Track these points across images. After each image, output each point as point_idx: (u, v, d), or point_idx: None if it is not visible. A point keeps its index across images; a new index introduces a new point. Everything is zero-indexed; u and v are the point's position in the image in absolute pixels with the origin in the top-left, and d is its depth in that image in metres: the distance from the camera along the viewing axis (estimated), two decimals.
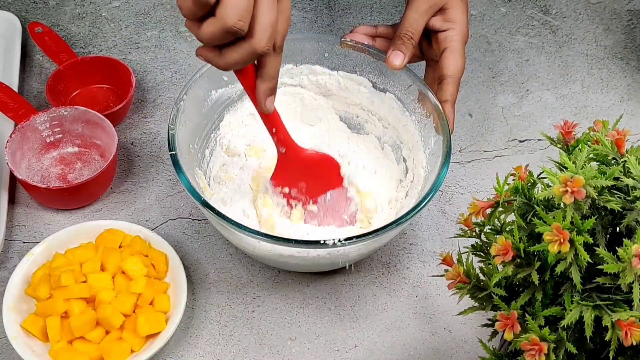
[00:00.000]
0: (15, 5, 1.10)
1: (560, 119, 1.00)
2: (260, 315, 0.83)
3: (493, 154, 0.98)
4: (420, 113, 0.86)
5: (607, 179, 0.57)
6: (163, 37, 1.08)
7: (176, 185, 0.92)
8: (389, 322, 0.83)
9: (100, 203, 0.91)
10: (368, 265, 0.87)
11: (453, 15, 0.85)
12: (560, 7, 1.15)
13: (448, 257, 0.65)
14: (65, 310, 0.77)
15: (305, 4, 1.13)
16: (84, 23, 1.09)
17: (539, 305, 0.58)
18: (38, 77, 1.02)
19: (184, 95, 0.82)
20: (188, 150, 0.83)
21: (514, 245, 0.58)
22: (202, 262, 0.86)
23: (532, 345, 0.56)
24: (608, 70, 1.07)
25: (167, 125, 0.80)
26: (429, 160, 0.84)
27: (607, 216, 0.59)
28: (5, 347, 0.79)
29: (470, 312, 0.63)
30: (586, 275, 0.56)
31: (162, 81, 1.03)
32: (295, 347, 0.81)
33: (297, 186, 0.83)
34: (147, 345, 0.77)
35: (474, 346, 0.81)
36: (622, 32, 1.12)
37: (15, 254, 0.86)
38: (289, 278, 0.86)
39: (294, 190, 0.83)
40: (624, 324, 0.54)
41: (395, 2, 1.13)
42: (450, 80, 0.84)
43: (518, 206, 0.61)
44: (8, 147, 0.87)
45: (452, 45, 0.84)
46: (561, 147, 0.65)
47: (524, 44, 1.10)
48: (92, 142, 0.93)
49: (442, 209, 0.92)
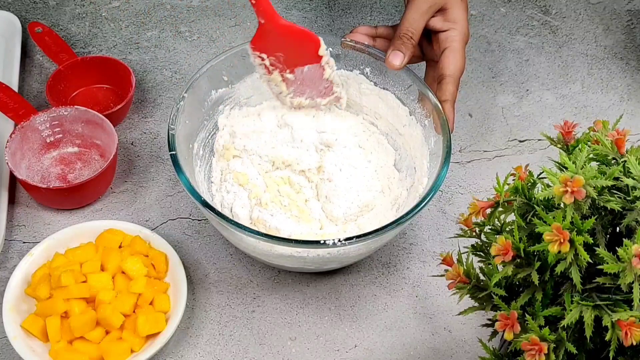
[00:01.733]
0: (15, 5, 1.10)
1: (560, 119, 1.00)
2: (260, 315, 0.83)
3: (493, 154, 0.98)
4: (420, 113, 0.86)
5: (607, 179, 0.57)
6: (163, 37, 1.08)
7: (176, 185, 0.92)
8: (389, 322, 0.83)
9: (100, 203, 0.91)
10: (368, 265, 0.87)
11: (453, 15, 0.85)
12: (560, 7, 1.15)
13: (448, 257, 0.65)
14: (65, 310, 0.77)
15: (305, 4, 1.13)
16: (84, 23, 1.09)
17: (539, 305, 0.58)
18: (38, 77, 1.02)
19: (184, 95, 0.83)
20: (188, 150, 0.83)
21: (514, 245, 0.58)
22: (202, 262, 0.86)
23: (532, 345, 0.56)
24: (608, 70, 1.07)
25: (167, 125, 0.80)
26: (429, 160, 0.84)
27: (607, 216, 0.59)
28: (5, 347, 0.79)
29: (470, 312, 0.63)
30: (586, 275, 0.56)
31: (162, 81, 1.03)
32: (295, 347, 0.81)
33: (275, 55, 0.85)
34: (147, 345, 0.77)
35: (474, 346, 0.81)
36: (622, 32, 1.12)
37: (15, 254, 0.86)
38: (289, 278, 0.86)
39: (271, 57, 0.85)
40: (624, 324, 0.54)
41: (395, 2, 1.13)
42: (450, 80, 0.84)
43: (518, 206, 0.61)
44: (8, 147, 0.87)
45: (452, 45, 0.84)
46: (561, 147, 0.65)
47: (524, 44, 1.10)
48: (92, 142, 0.93)
49: (442, 209, 0.92)
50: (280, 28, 0.83)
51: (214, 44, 1.07)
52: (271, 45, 0.84)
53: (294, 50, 0.85)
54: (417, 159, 0.86)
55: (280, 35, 0.84)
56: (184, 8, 1.11)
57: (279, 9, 1.11)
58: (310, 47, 0.85)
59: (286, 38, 0.84)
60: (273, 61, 0.85)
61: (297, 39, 0.84)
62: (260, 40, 0.84)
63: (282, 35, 0.84)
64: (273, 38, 0.84)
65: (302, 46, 0.85)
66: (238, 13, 1.11)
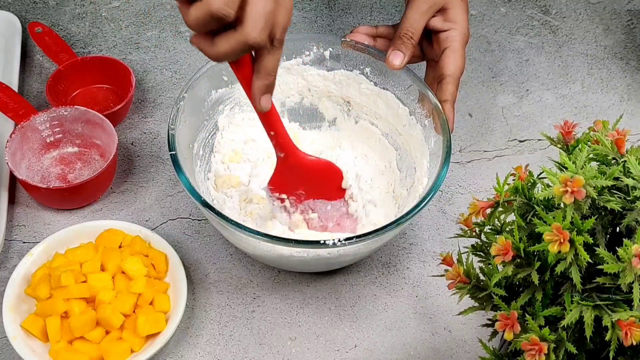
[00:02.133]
0: (15, 5, 1.10)
1: (560, 119, 1.00)
2: (260, 315, 0.83)
3: (493, 154, 0.98)
4: (420, 113, 0.86)
5: (607, 179, 0.57)
6: (163, 37, 1.08)
7: (176, 185, 0.92)
8: (389, 322, 0.83)
9: (100, 203, 0.91)
10: (368, 265, 0.87)
11: (454, 15, 0.85)
12: (560, 7, 1.15)
13: (448, 257, 0.65)
14: (65, 310, 0.77)
15: (305, 4, 1.13)
16: (84, 23, 1.09)
17: (539, 305, 0.58)
18: (38, 77, 1.02)
19: (184, 95, 0.82)
20: (188, 150, 0.83)
21: (514, 245, 0.58)
22: (202, 262, 0.86)
23: (532, 345, 0.56)
24: (608, 70, 1.07)
25: (167, 125, 0.80)
26: (429, 160, 0.84)
27: (607, 216, 0.59)
28: (5, 347, 0.79)
29: (470, 312, 0.63)
30: (586, 275, 0.56)
31: (162, 81, 1.03)
32: (295, 347, 0.81)
33: (295, 194, 0.80)
34: (147, 345, 0.77)
35: (474, 346, 0.81)
36: (622, 32, 1.12)
37: (15, 254, 0.86)
38: (289, 278, 0.86)
39: (291, 197, 0.81)
40: (624, 324, 0.54)
41: (395, 2, 1.13)
42: (450, 80, 0.84)
43: (518, 206, 0.61)
44: (8, 147, 0.87)
45: (452, 45, 0.85)
46: (561, 147, 0.65)
47: (524, 44, 1.10)
48: (92, 142, 0.93)
49: (442, 209, 0.92)
50: (302, 161, 0.77)
51: None
52: (293, 182, 0.79)
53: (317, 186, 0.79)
54: (417, 159, 0.86)
55: (302, 167, 0.78)
56: None
57: None
58: (334, 181, 0.80)
59: (308, 171, 0.78)
60: (293, 201, 0.81)
61: (321, 171, 0.79)
62: (280, 177, 0.78)
63: (304, 167, 0.78)
64: (293, 174, 0.78)
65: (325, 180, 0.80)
66: None
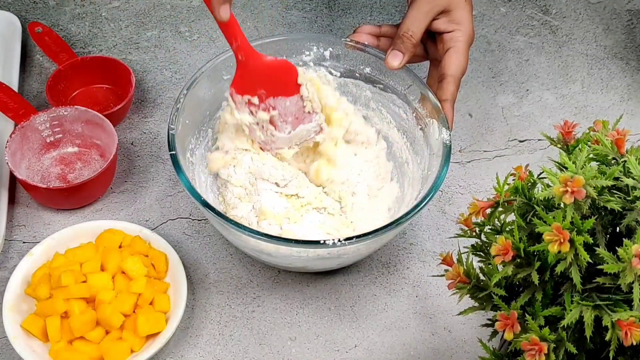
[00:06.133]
0: (15, 5, 1.10)
1: (560, 119, 1.00)
2: (260, 315, 0.83)
3: (493, 154, 0.98)
4: (421, 113, 0.86)
5: (607, 179, 0.57)
6: (163, 37, 1.08)
7: (176, 185, 0.92)
8: (389, 322, 0.83)
9: (100, 203, 0.91)
10: (368, 265, 0.87)
11: (458, 16, 0.85)
12: (560, 7, 1.15)
13: (448, 257, 0.65)
14: (65, 310, 0.77)
15: (305, 4, 1.13)
16: (84, 23, 1.09)
17: (539, 305, 0.58)
18: (38, 77, 1.02)
19: (184, 95, 0.83)
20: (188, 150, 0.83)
21: (514, 245, 0.58)
22: (202, 262, 0.86)
23: (532, 345, 0.56)
24: (608, 70, 1.07)
25: (167, 125, 0.80)
26: (429, 160, 0.84)
27: (607, 216, 0.59)
28: (5, 347, 0.79)
29: (470, 312, 0.63)
30: (586, 275, 0.56)
31: (162, 81, 1.03)
32: (295, 347, 0.81)
33: (257, 94, 0.83)
34: (147, 345, 0.77)
35: (474, 346, 0.81)
36: (622, 32, 1.12)
37: (15, 254, 0.86)
38: (289, 278, 0.86)
39: (254, 97, 0.83)
40: (624, 324, 0.54)
41: (396, 2, 1.13)
42: (450, 80, 0.84)
43: (518, 206, 0.61)
44: (8, 147, 0.87)
45: (456, 45, 0.84)
46: (561, 147, 0.65)
47: (524, 44, 1.10)
48: (92, 142, 0.93)
49: (442, 209, 0.92)
50: (260, 62, 0.81)
51: (214, 44, 1.07)
52: (253, 83, 0.82)
53: (275, 84, 0.83)
54: (417, 158, 0.86)
55: (260, 68, 0.81)
56: (184, 8, 1.11)
57: (279, 9, 1.11)
58: (290, 78, 0.83)
59: (268, 73, 0.82)
60: (256, 101, 0.83)
61: (278, 71, 0.82)
62: (242, 80, 0.82)
63: (262, 67, 0.81)
64: (253, 75, 0.82)
65: (283, 78, 0.83)
66: (238, 13, 1.11)
